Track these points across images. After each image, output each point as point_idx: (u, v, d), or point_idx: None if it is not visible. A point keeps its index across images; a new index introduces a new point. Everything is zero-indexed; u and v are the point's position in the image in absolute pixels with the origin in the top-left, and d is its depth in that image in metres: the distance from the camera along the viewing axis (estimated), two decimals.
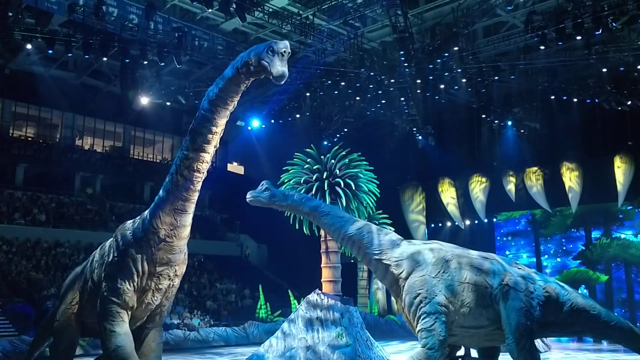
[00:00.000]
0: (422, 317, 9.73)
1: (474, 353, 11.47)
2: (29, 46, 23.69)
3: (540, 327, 9.86)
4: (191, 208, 8.95)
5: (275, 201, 11.11)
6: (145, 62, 24.70)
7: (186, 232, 8.92)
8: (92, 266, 9.69)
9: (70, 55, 25.45)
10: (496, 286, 9.83)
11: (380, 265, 9.87)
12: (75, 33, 22.97)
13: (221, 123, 8.49)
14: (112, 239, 9.55)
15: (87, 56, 24.74)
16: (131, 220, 9.43)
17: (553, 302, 9.89)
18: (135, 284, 8.76)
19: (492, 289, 9.84)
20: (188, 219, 8.90)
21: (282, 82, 7.20)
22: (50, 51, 23.80)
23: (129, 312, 8.84)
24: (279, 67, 7.08)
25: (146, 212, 9.03)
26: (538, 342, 22.34)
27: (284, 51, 7.10)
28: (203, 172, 8.86)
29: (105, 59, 25.37)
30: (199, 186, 8.92)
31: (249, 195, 11.05)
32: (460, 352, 11.27)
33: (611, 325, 10.27)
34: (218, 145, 8.80)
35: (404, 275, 9.67)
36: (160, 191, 8.87)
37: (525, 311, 9.70)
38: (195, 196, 8.92)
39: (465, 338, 10.31)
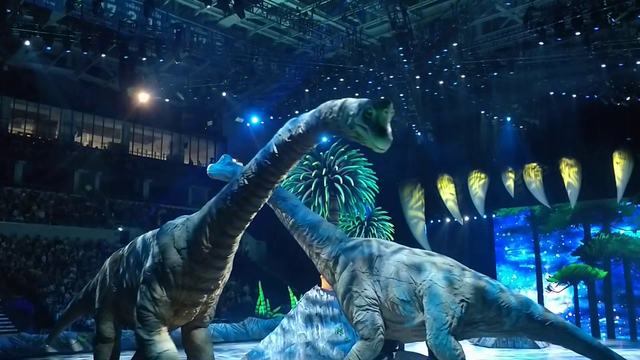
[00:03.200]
0: (355, 311, 10.08)
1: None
2: (27, 43, 23.63)
3: (467, 325, 9.94)
4: (242, 230, 8.08)
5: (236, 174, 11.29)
6: (144, 59, 24.66)
7: (234, 249, 8.23)
8: (128, 261, 9.20)
9: (68, 51, 25.38)
10: (420, 282, 10.00)
11: (320, 260, 10.22)
12: (73, 29, 22.91)
13: (288, 171, 7.33)
14: (151, 238, 8.90)
15: (85, 53, 24.72)
16: (174, 224, 8.66)
17: (480, 300, 9.93)
18: (173, 296, 8.17)
19: (416, 285, 10.02)
20: (238, 239, 8.15)
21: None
22: (49, 48, 23.75)
23: (166, 321, 8.34)
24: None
25: (190, 221, 8.27)
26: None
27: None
28: (260, 207, 7.85)
29: (103, 55, 25.33)
30: (253, 216, 7.97)
31: (209, 169, 11.13)
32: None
33: (546, 325, 10.06)
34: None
35: (339, 270, 10.00)
36: (212, 204, 7.93)
37: (446, 307, 9.78)
38: (247, 224, 8.01)
39: (394, 332, 10.51)
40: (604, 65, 23.98)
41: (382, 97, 5.69)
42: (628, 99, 25.74)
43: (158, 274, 8.19)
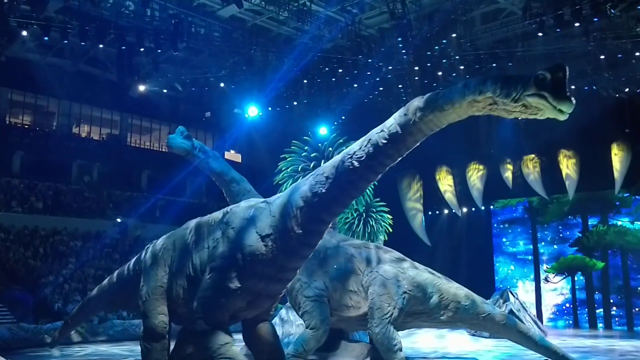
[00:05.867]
0: (303, 302, 10.54)
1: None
2: (24, 33, 23.50)
3: (408, 316, 10.58)
4: (335, 218, 7.67)
5: (194, 152, 11.81)
6: (142, 49, 24.56)
7: (320, 239, 7.64)
8: (188, 247, 8.39)
9: (66, 42, 25.21)
10: (367, 273, 10.60)
11: None
12: (71, 20, 22.79)
13: (402, 154, 6.91)
14: (219, 222, 8.12)
15: (83, 43, 24.57)
16: (246, 205, 8.01)
17: (421, 293, 10.56)
18: (249, 286, 7.52)
19: (362, 276, 10.61)
20: (327, 227, 7.58)
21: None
22: (46, 38, 23.66)
23: (232, 313, 7.76)
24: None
25: (274, 206, 7.56)
26: (534, 328, 22.55)
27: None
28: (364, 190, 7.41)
29: (101, 46, 25.23)
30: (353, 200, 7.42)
31: (168, 141, 11.49)
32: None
33: (483, 317, 10.79)
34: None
35: None
36: (306, 188, 7.22)
37: (389, 298, 10.38)
38: (344, 209, 7.62)
39: (340, 322, 11.16)
40: (603, 57, 23.94)
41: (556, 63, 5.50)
42: (627, 90, 25.73)
43: (235, 261, 7.47)
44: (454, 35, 24.14)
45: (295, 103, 31.40)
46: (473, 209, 33.69)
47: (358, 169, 6.78)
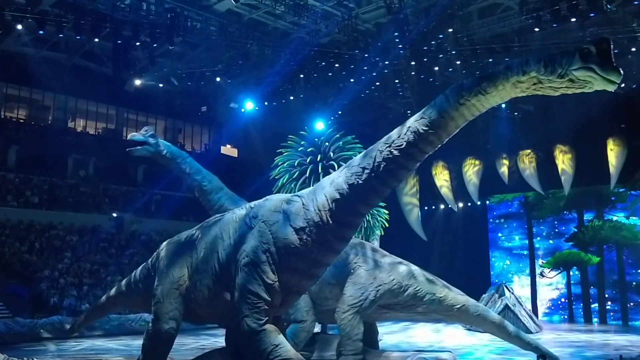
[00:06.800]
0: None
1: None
2: (19, 27, 23.40)
3: (383, 308, 10.96)
4: (370, 209, 7.58)
5: (161, 150, 11.95)
6: (138, 43, 24.47)
7: (355, 232, 7.55)
8: (214, 242, 8.08)
9: (61, 36, 25.13)
10: (346, 265, 10.98)
11: None
12: (66, 13, 22.69)
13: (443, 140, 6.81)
14: (247, 216, 7.86)
15: (78, 37, 24.47)
16: (277, 199, 7.84)
17: (396, 285, 10.88)
18: (283, 281, 7.34)
19: (342, 268, 10.96)
20: (362, 220, 7.48)
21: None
22: (42, 32, 23.53)
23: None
24: None
25: (307, 199, 7.36)
26: (530, 323, 22.66)
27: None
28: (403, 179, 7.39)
29: (97, 40, 25.12)
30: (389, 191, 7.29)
31: (132, 137, 11.64)
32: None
33: (457, 309, 11.14)
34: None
35: None
36: (341, 180, 7.10)
37: (363, 288, 10.82)
38: (381, 200, 7.33)
39: (319, 314, 11.49)
40: None
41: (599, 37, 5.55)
42: (623, 85, 25.69)
43: (270, 255, 7.28)
44: (450, 30, 24.11)
45: (291, 97, 31.33)
46: (469, 203, 33.74)
47: (398, 157, 6.68)
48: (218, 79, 29.31)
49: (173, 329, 8.41)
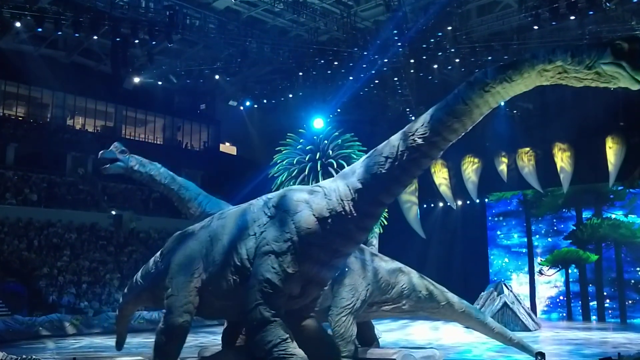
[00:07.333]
0: None
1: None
2: (17, 24, 23.35)
3: (371, 306, 11.03)
4: (391, 200, 7.39)
5: (133, 165, 12.30)
6: (136, 41, 24.44)
7: (376, 222, 7.64)
8: (231, 234, 8.00)
9: (60, 33, 25.07)
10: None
11: None
12: (65, 11, 22.67)
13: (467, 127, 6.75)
14: (265, 207, 7.83)
15: (77, 34, 24.42)
16: (298, 189, 7.85)
17: (384, 283, 10.98)
18: (304, 271, 7.31)
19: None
20: (383, 210, 7.53)
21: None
22: (40, 29, 23.49)
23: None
24: None
25: (329, 189, 7.38)
26: (528, 321, 22.69)
27: None
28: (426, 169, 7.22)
29: (95, 37, 25.09)
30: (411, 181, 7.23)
31: (103, 155, 12.09)
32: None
33: (442, 305, 11.38)
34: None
35: None
36: (362, 170, 7.12)
37: (352, 289, 10.85)
38: (403, 190, 7.36)
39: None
40: None
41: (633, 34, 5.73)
42: None
43: (292, 244, 7.23)
44: (449, 27, 24.11)
45: (290, 95, 31.32)
46: (468, 201, 33.74)
47: (421, 146, 6.66)
48: (217, 77, 29.29)
49: (187, 322, 8.27)
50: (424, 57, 26.06)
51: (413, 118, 31.19)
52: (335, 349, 8.45)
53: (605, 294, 29.04)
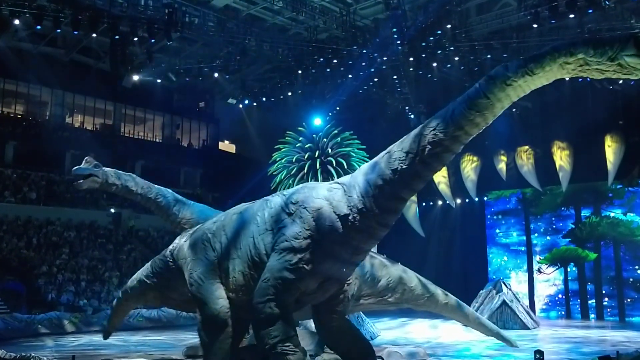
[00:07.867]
0: None
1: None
2: (16, 22, 23.30)
3: (357, 299, 10.91)
4: (412, 195, 7.32)
5: (107, 179, 12.11)
6: (136, 39, 24.41)
7: (396, 218, 7.43)
8: (246, 230, 7.95)
9: (59, 31, 25.08)
10: None
11: None
12: (63, 9, 22.60)
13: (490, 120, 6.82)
14: (283, 203, 7.77)
15: (76, 32, 24.36)
16: (317, 186, 7.75)
17: (370, 276, 10.99)
18: (323, 268, 7.25)
19: None
20: (404, 205, 7.40)
21: None
22: (39, 27, 23.44)
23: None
24: None
25: (349, 186, 7.32)
26: (527, 319, 22.70)
27: None
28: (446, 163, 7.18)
29: (94, 35, 25.04)
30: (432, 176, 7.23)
31: (75, 171, 11.83)
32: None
33: (427, 297, 11.52)
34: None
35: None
36: (383, 166, 7.04)
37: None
38: (422, 186, 7.30)
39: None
40: None
41: None
42: (620, 82, 25.73)
43: (312, 241, 7.17)
44: (448, 26, 24.08)
45: (289, 93, 31.29)
46: (467, 200, 33.75)
47: (443, 140, 6.69)
48: (216, 75, 29.25)
49: (226, 308, 8.06)
50: (423, 56, 26.03)
51: (412, 116, 31.53)
52: (368, 345, 8.47)
53: (604, 292, 29.07)
